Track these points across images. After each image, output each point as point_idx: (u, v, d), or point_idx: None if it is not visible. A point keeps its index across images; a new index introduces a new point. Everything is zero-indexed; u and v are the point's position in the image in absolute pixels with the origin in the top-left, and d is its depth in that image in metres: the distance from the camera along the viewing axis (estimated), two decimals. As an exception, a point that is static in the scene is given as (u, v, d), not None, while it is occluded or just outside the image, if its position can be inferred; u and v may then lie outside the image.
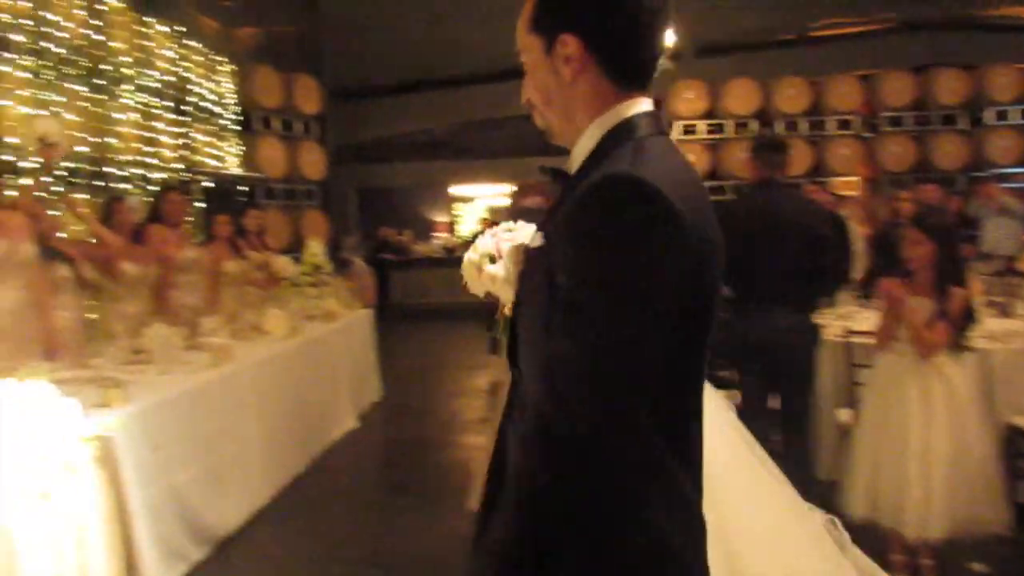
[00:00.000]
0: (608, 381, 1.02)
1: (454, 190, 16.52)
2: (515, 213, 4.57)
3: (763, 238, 3.73)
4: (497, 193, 16.48)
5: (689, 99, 11.15)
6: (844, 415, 4.02)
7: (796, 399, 3.93)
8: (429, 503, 4.39)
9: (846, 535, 2.14)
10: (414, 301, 13.83)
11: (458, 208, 16.95)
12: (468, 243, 1.73)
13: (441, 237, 16.19)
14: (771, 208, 3.87)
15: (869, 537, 3.36)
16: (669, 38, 8.08)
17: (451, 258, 14.45)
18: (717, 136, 11.09)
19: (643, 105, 1.18)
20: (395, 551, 3.24)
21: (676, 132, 11.17)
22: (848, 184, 10.21)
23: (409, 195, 16.00)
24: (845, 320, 4.57)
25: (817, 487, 3.86)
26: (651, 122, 1.17)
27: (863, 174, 10.56)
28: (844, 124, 10.77)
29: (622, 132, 1.15)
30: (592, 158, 1.15)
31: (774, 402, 4.03)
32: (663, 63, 1.19)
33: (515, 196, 4.72)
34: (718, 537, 1.88)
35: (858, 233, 5.81)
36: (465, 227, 16.65)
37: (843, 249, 4.35)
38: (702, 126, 11.14)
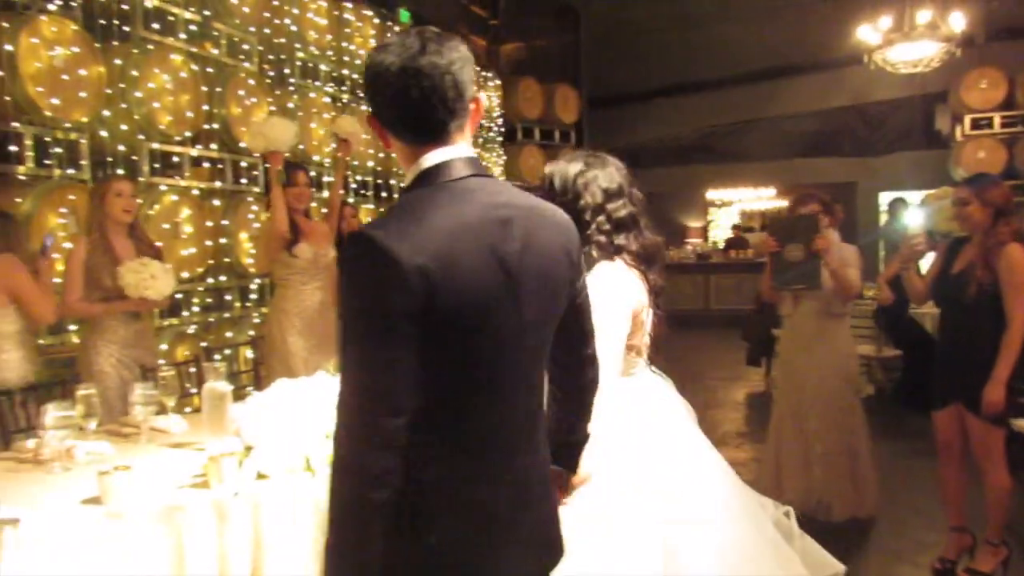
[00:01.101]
0: (356, 393, 1.25)
1: (711, 195, 16.14)
2: (789, 220, 4.34)
3: None
4: (757, 197, 15.85)
5: (982, 89, 9.96)
6: None
7: None
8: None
9: (795, 526, 2.38)
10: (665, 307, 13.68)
11: (713, 213, 16.54)
12: (721, 250, 1.75)
13: (694, 243, 15.89)
14: None
15: None
16: (957, 22, 7.25)
17: (704, 264, 14.10)
18: (1016, 129, 9.80)
19: (440, 155, 1.39)
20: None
21: (966, 126, 10.04)
22: None
23: (662, 200, 15.89)
24: None
25: None
26: (448, 168, 1.38)
27: None
28: None
29: (421, 179, 1.39)
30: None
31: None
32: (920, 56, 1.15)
33: (793, 203, 4.46)
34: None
35: None
36: (720, 232, 16.20)
37: None
38: (997, 119, 9.90)
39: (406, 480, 1.29)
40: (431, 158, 1.40)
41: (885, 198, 12.10)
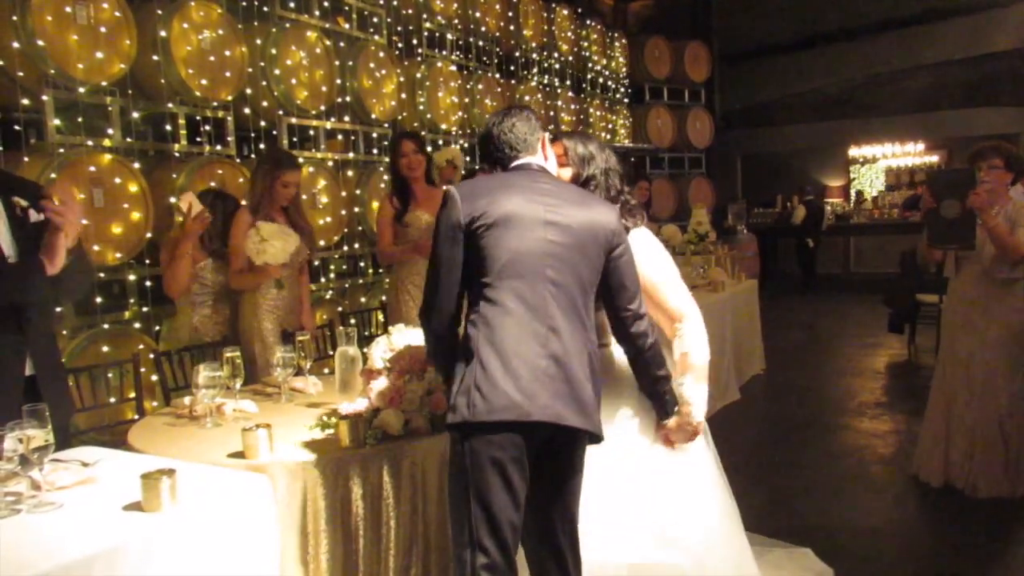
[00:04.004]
0: (430, 270, 2.10)
1: (853, 151, 15.23)
2: (947, 174, 3.95)
3: None
4: (904, 153, 14.85)
5: None
6: None
7: None
8: (809, 487, 4.20)
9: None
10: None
11: (855, 171, 15.61)
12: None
13: (834, 203, 15.09)
14: None
15: None
16: None
17: (844, 225, 13.40)
18: None
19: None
20: (768, 530, 3.17)
21: None
22: None
23: (800, 158, 15.14)
24: None
25: None
26: (495, 172, 2.26)
27: None
28: None
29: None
30: None
31: None
32: None
33: (972, 156, 4.08)
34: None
35: None
36: (864, 190, 15.29)
37: None
38: None
39: (464, 324, 2.06)
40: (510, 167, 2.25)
41: (1053, 150, 11.04)
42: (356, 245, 5.98)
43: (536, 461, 2.00)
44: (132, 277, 4.38)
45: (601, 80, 10.22)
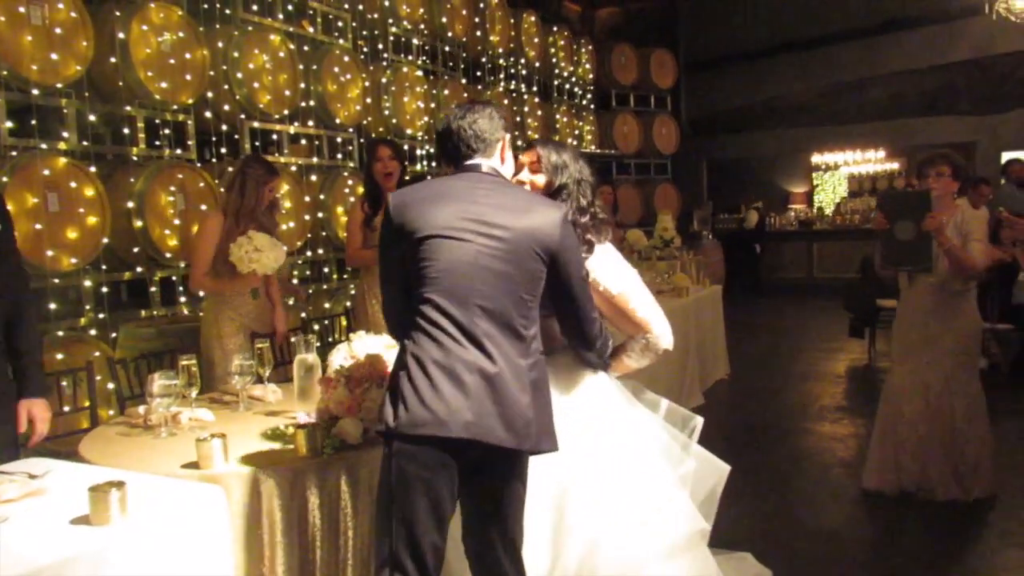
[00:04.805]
0: (379, 274, 2.23)
1: (816, 158, 15.44)
2: (900, 195, 4.01)
3: None
4: (865, 160, 15.09)
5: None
6: None
7: None
8: (769, 490, 4.24)
9: (694, 436, 2.50)
10: (765, 277, 13.32)
11: (819, 178, 15.83)
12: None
13: (797, 209, 15.29)
14: None
15: None
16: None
17: (807, 231, 13.58)
18: None
19: (465, 164, 2.14)
20: (729, 535, 3.18)
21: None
22: None
23: (764, 165, 15.31)
24: None
25: None
26: (447, 173, 2.20)
27: None
28: None
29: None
30: None
31: None
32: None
33: (920, 164, 4.09)
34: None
35: None
36: (826, 197, 15.52)
37: None
38: None
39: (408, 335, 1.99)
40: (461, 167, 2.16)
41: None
42: (320, 250, 5.93)
43: (469, 478, 1.96)
44: (88, 283, 4.29)
45: (568, 86, 10.26)
